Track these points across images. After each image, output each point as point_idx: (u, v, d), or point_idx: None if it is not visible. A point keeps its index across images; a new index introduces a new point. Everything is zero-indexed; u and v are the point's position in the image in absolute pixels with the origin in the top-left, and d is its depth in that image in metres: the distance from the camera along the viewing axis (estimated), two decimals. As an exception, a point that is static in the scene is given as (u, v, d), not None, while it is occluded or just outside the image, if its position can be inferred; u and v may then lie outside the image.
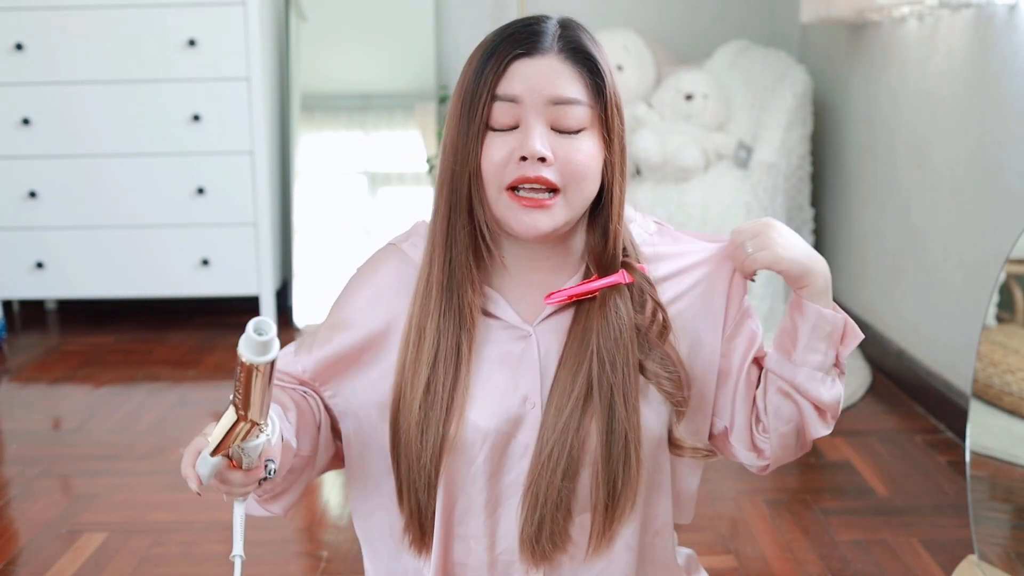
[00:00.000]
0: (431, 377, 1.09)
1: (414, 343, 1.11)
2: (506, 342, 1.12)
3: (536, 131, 1.05)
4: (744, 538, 2.03)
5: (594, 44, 1.10)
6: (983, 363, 1.70)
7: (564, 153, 1.06)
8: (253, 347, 0.86)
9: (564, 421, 1.09)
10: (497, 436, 1.10)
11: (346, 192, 3.77)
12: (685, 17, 3.94)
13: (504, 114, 1.06)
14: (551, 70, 1.06)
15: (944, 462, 2.37)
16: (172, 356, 3.32)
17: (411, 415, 1.10)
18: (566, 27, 1.10)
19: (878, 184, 3.08)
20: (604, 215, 1.10)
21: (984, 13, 2.38)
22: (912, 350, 2.83)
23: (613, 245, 1.11)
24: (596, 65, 1.07)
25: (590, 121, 1.07)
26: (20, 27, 3.36)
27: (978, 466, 1.70)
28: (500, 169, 1.06)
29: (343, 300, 1.18)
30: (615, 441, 1.08)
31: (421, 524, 1.13)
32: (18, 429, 2.74)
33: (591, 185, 1.08)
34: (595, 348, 1.09)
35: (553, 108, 1.06)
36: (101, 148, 3.44)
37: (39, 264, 3.49)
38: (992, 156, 2.36)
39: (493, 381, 1.11)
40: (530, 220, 1.06)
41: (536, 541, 1.10)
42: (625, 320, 1.10)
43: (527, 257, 1.13)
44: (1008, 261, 1.69)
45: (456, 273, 1.10)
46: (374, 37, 3.82)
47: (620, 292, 1.11)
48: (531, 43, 1.07)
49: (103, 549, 2.03)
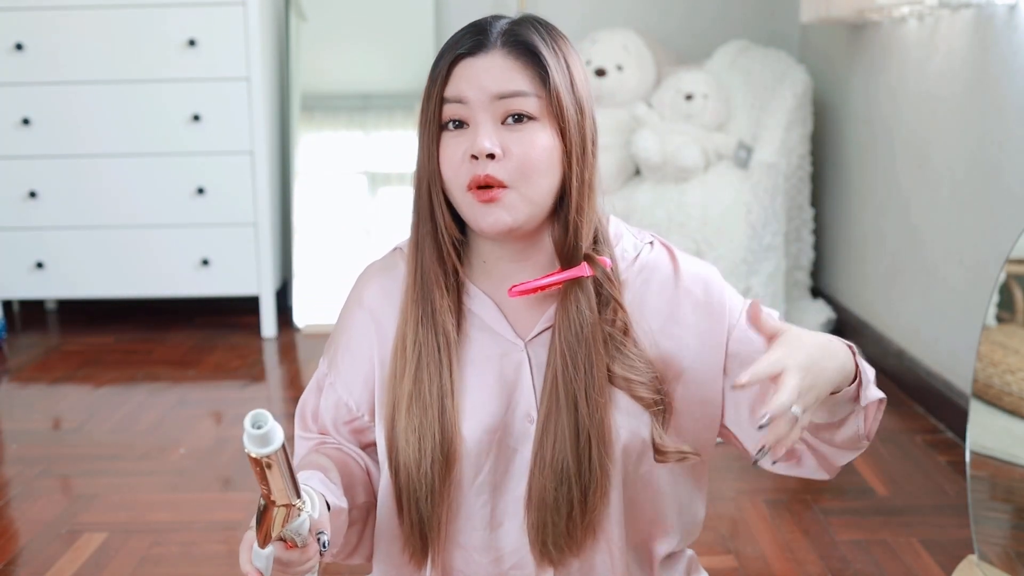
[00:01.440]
0: (416, 385, 1.09)
1: (399, 354, 1.12)
2: (502, 355, 1.12)
3: (483, 129, 1.05)
4: (744, 538, 2.03)
5: (545, 37, 1.09)
6: (983, 363, 1.70)
7: (514, 147, 1.05)
8: (256, 441, 0.86)
9: (542, 424, 1.09)
10: (500, 449, 1.10)
11: (346, 192, 3.77)
12: (685, 17, 3.94)
13: (455, 114, 1.07)
14: (493, 66, 1.06)
15: (944, 462, 2.37)
16: (172, 356, 3.32)
17: (404, 424, 1.10)
18: (518, 23, 1.10)
19: (878, 184, 3.08)
20: (565, 206, 1.09)
21: (984, 13, 2.38)
22: (912, 350, 2.83)
23: (574, 237, 1.09)
24: (540, 57, 1.07)
25: (540, 112, 1.06)
26: (20, 27, 3.36)
27: (978, 466, 1.70)
28: (457, 170, 1.07)
29: (339, 334, 1.19)
30: (580, 441, 1.07)
31: (423, 535, 1.12)
32: (18, 429, 2.74)
33: (545, 177, 1.07)
34: (556, 345, 1.09)
35: (500, 103, 1.06)
36: (101, 148, 3.44)
37: (39, 264, 3.49)
38: (992, 156, 2.36)
39: (490, 394, 1.11)
40: (492, 217, 1.06)
41: (543, 544, 1.10)
42: (586, 316, 1.08)
43: (507, 259, 1.13)
44: (1008, 261, 1.69)
45: (426, 280, 1.11)
46: (374, 37, 3.82)
47: (582, 287, 1.09)
48: (475, 42, 1.08)
49: (103, 549, 2.03)
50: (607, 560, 1.13)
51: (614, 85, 3.41)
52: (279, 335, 3.55)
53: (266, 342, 3.48)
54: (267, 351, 3.40)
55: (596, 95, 3.43)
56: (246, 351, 3.37)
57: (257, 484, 0.90)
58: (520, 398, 1.11)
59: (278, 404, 2.93)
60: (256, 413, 0.87)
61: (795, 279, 3.44)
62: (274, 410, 2.86)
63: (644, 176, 3.32)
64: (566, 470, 1.07)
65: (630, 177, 3.38)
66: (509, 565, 1.13)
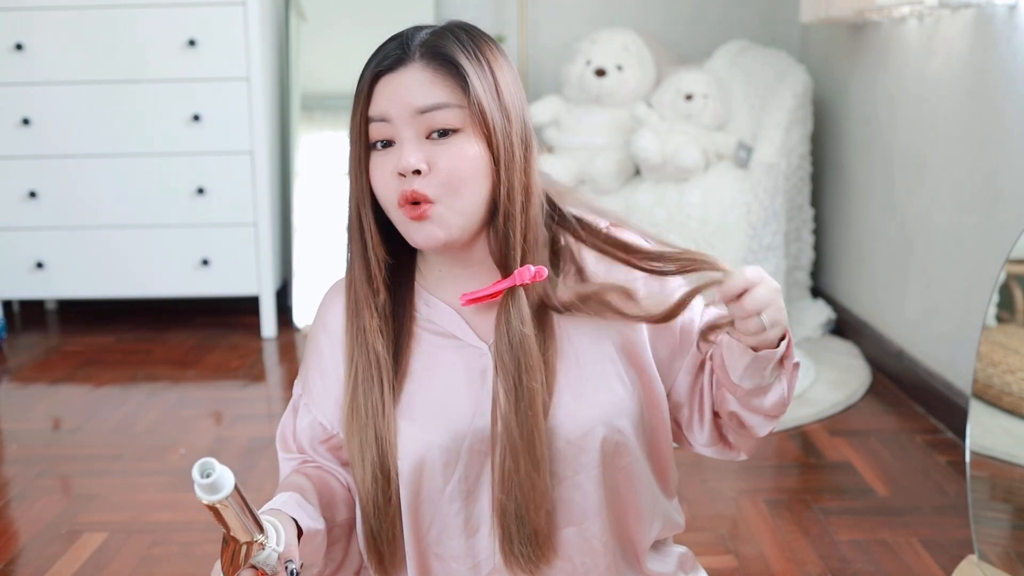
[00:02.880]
0: (353, 404, 1.10)
1: (345, 370, 1.13)
2: (465, 360, 1.12)
3: (407, 146, 1.05)
4: (744, 538, 2.03)
5: (467, 45, 1.08)
6: (983, 363, 1.70)
7: (440, 161, 1.05)
8: (206, 489, 0.89)
9: (493, 434, 1.09)
10: (471, 455, 1.10)
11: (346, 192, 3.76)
12: (685, 17, 3.94)
13: (380, 133, 1.07)
14: (412, 80, 1.06)
15: (944, 462, 2.37)
16: (172, 356, 3.32)
17: (348, 441, 1.11)
18: (437, 33, 1.09)
19: (878, 184, 3.07)
20: (498, 215, 1.08)
21: (984, 13, 2.38)
22: (912, 350, 2.83)
23: (504, 244, 1.08)
24: (458, 67, 1.06)
25: (464, 122, 1.06)
26: (20, 27, 3.36)
27: (978, 466, 1.70)
28: (386, 188, 1.07)
29: (308, 355, 1.20)
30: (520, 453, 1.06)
31: (378, 549, 1.12)
32: (18, 429, 2.74)
33: (473, 187, 1.06)
34: (495, 357, 1.09)
35: (422, 117, 1.05)
36: (101, 148, 3.44)
37: (39, 264, 3.49)
38: (992, 156, 2.36)
39: (456, 401, 1.11)
40: (424, 232, 1.06)
41: (511, 553, 1.09)
42: (517, 327, 1.07)
43: (457, 266, 1.13)
44: (1008, 261, 1.69)
45: (357, 300, 1.12)
46: (374, 37, 3.79)
47: (513, 298, 1.08)
48: (394, 57, 1.08)
49: (103, 549, 2.03)
50: (589, 557, 1.12)
51: (614, 85, 3.41)
52: (279, 335, 3.55)
53: (266, 342, 3.48)
54: (267, 351, 3.40)
55: (596, 95, 3.43)
56: (246, 351, 3.37)
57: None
58: (488, 401, 1.10)
59: (278, 404, 2.93)
60: (203, 462, 0.89)
61: (795, 279, 3.44)
62: (273, 410, 2.86)
63: (644, 176, 3.32)
64: (512, 481, 1.07)
65: (630, 177, 3.38)
66: (486, 572, 1.13)
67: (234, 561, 0.95)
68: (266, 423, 2.72)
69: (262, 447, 2.51)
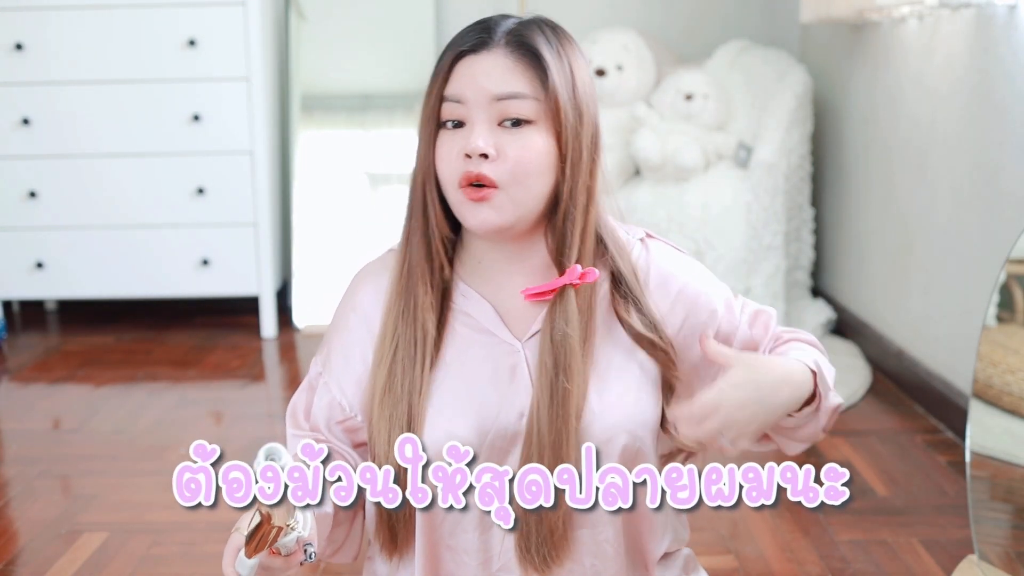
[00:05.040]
0: (390, 378, 1.10)
1: (380, 345, 1.12)
2: (497, 356, 1.12)
3: (478, 128, 1.05)
4: (744, 538, 2.03)
5: (551, 39, 1.08)
6: (983, 363, 1.70)
7: (509, 149, 1.05)
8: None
9: (525, 429, 1.09)
10: (491, 451, 1.10)
11: (346, 192, 3.77)
12: (685, 17, 3.94)
13: (452, 113, 1.07)
14: (493, 65, 1.06)
15: (944, 462, 2.37)
16: (172, 356, 3.32)
17: (377, 416, 1.10)
18: (524, 24, 1.09)
19: (878, 184, 3.08)
20: (558, 212, 1.09)
21: (984, 13, 2.38)
22: (912, 350, 2.83)
23: (560, 243, 1.09)
24: (541, 59, 1.06)
25: (538, 115, 1.06)
26: (20, 27, 3.36)
27: (978, 466, 1.70)
28: (450, 167, 1.07)
29: (333, 335, 1.19)
30: (560, 450, 1.07)
31: (391, 527, 1.12)
32: (18, 429, 2.74)
33: (537, 180, 1.07)
34: (540, 354, 1.09)
35: (498, 104, 1.05)
36: (101, 148, 3.44)
37: (39, 264, 3.49)
38: (992, 156, 2.36)
39: (485, 392, 1.11)
40: (481, 215, 1.06)
41: (527, 551, 1.09)
42: (560, 326, 1.08)
43: (502, 260, 1.13)
44: (1008, 261, 1.69)
45: (412, 275, 1.11)
46: (374, 37, 3.82)
47: (563, 297, 1.09)
48: (478, 40, 1.08)
49: (103, 549, 2.03)
50: (599, 560, 1.12)
51: (614, 85, 3.41)
52: (279, 335, 3.55)
53: (266, 342, 3.48)
54: (267, 351, 3.40)
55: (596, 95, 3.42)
56: (246, 351, 3.37)
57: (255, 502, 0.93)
58: (515, 399, 1.11)
59: (278, 404, 2.93)
60: (271, 448, 0.91)
61: (795, 279, 3.44)
62: (273, 409, 2.86)
63: (644, 176, 3.32)
64: None
65: (630, 177, 3.38)
66: (496, 567, 1.13)
67: (261, 542, 0.96)
68: (266, 423, 2.72)
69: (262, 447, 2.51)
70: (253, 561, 0.97)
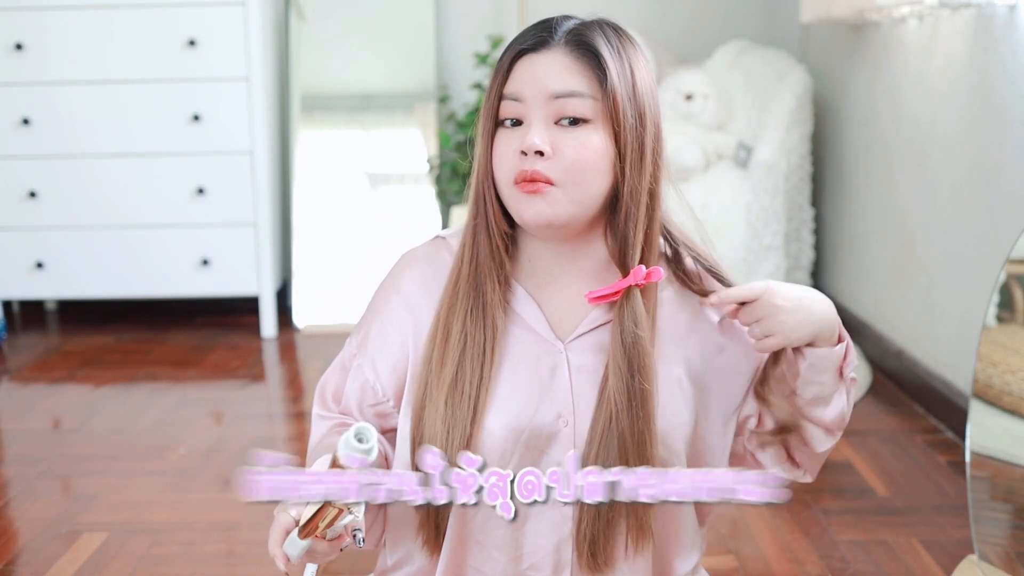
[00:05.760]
0: (458, 373, 1.09)
1: (440, 339, 1.11)
2: (539, 356, 1.12)
3: (535, 126, 1.05)
4: (744, 538, 2.03)
5: (611, 40, 1.08)
6: (983, 363, 1.70)
7: (565, 148, 1.05)
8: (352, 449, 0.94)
9: (589, 431, 1.08)
10: (526, 449, 1.10)
11: (346, 192, 3.77)
12: (685, 17, 3.94)
13: (511, 112, 1.07)
14: (553, 64, 1.06)
15: (944, 462, 2.37)
16: (172, 356, 3.32)
17: (437, 411, 1.09)
18: (586, 24, 1.09)
19: (878, 184, 3.08)
20: (619, 213, 1.09)
21: (984, 13, 2.38)
22: (912, 350, 2.83)
23: (623, 244, 1.09)
24: (600, 58, 1.06)
25: (595, 114, 1.06)
26: (20, 27, 3.36)
27: (978, 466, 1.70)
28: (506, 164, 1.07)
29: (372, 317, 1.18)
30: (628, 451, 1.06)
31: (437, 524, 1.12)
32: (18, 429, 2.74)
33: (593, 180, 1.06)
34: (611, 354, 1.08)
35: (555, 102, 1.05)
36: (101, 148, 3.44)
37: (39, 264, 3.49)
38: (992, 156, 2.36)
39: (523, 391, 1.10)
40: (534, 208, 1.06)
41: (591, 556, 1.09)
42: (630, 328, 1.07)
43: (555, 260, 1.12)
44: (1008, 261, 1.69)
45: (480, 272, 1.11)
46: (374, 37, 3.82)
47: (629, 297, 1.08)
48: (538, 39, 1.08)
49: (103, 549, 2.03)
50: (628, 567, 1.12)
51: (614, 85, 3.41)
52: (279, 335, 3.55)
53: (266, 342, 3.48)
54: (267, 351, 3.40)
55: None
56: (246, 351, 3.37)
57: None
58: (553, 400, 1.10)
59: (278, 404, 2.93)
60: (361, 427, 0.92)
61: (795, 279, 3.44)
62: (273, 409, 2.86)
63: (644, 176, 3.31)
64: None
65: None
66: (526, 565, 1.12)
67: (319, 522, 0.96)
68: (266, 423, 2.72)
69: (262, 447, 2.51)
70: (305, 543, 0.97)
